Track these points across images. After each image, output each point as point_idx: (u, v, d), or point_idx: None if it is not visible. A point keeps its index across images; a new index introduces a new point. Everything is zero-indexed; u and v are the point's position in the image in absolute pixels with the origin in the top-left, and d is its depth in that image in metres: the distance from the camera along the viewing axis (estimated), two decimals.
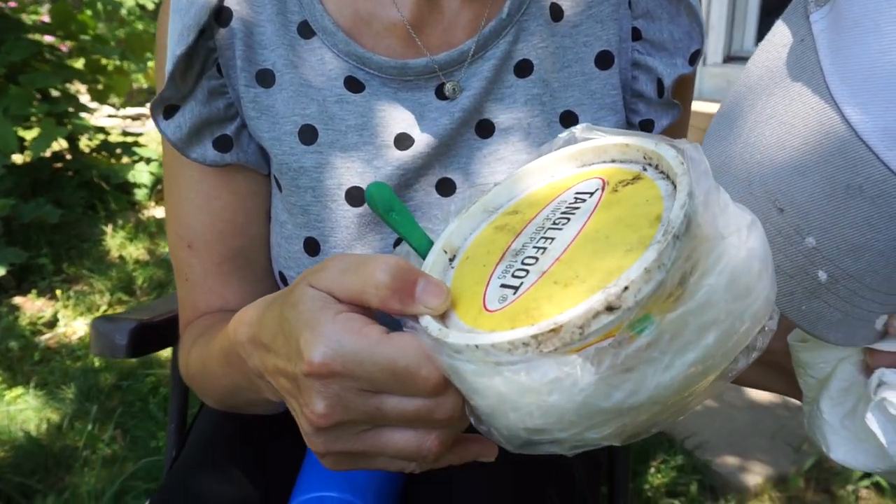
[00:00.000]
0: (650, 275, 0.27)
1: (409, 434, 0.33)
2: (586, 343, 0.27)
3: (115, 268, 2.56)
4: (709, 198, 0.29)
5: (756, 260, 0.29)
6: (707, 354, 0.28)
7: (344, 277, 0.33)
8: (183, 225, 0.59)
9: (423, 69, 0.54)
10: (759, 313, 0.29)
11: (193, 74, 0.53)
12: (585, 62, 0.57)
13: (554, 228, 0.34)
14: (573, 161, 0.38)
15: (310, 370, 0.31)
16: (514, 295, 0.31)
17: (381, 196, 0.37)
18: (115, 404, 1.71)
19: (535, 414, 0.28)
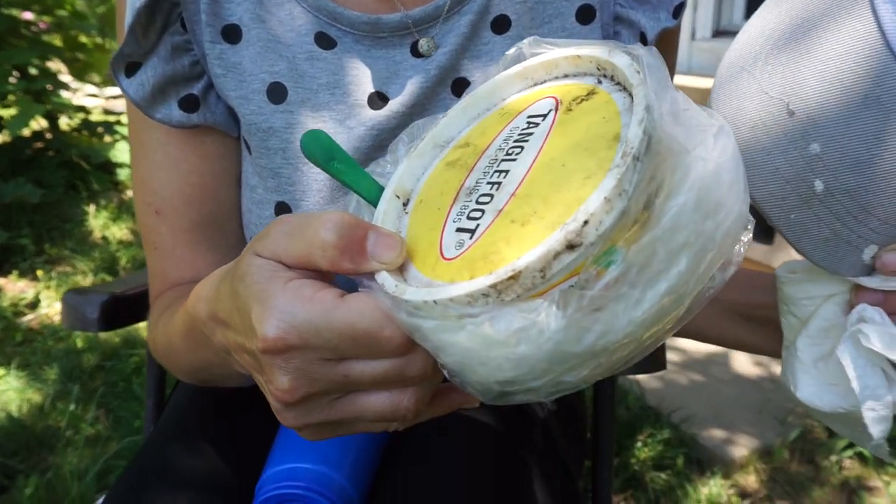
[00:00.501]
0: (611, 204, 0.25)
1: (383, 396, 0.32)
2: (550, 285, 0.26)
3: (97, 248, 2.53)
4: (670, 108, 0.27)
5: (726, 171, 0.27)
6: (680, 281, 0.26)
7: (289, 242, 0.31)
8: (150, 191, 0.57)
9: (396, 25, 0.52)
10: (732, 229, 0.27)
11: (156, 29, 0.51)
12: (566, 17, 0.55)
13: (507, 160, 0.31)
14: (523, 80, 0.36)
15: (265, 346, 0.29)
16: (470, 239, 0.29)
17: (319, 144, 0.34)
18: (98, 384, 1.69)
19: (505, 367, 0.26)
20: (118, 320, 0.73)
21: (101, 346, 1.84)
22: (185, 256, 0.58)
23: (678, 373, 1.68)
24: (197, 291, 0.39)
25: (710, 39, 3.10)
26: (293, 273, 0.31)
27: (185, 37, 0.52)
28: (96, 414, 1.58)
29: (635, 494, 1.31)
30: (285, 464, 0.49)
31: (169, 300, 0.55)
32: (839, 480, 1.34)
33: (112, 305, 0.73)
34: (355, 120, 0.53)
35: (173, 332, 0.48)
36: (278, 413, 0.33)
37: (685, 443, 1.42)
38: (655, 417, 1.49)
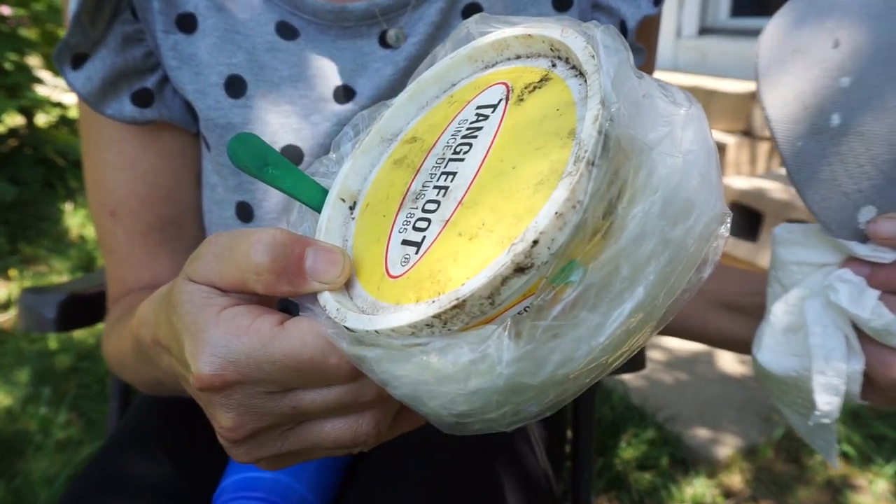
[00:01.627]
0: (564, 219, 0.22)
1: (340, 422, 0.29)
2: (501, 309, 0.23)
3: (74, 247, 2.47)
4: (629, 98, 0.24)
5: (695, 165, 0.24)
6: (647, 298, 0.23)
7: (220, 266, 0.27)
8: (104, 190, 0.54)
9: (363, 14, 0.49)
10: (705, 231, 0.24)
11: (104, 18, 0.48)
12: (542, 4, 0.52)
13: (455, 159, 0.28)
14: (472, 63, 0.32)
15: (201, 385, 0.27)
16: (416, 254, 0.26)
17: (249, 149, 0.30)
18: (70, 386, 1.64)
19: (458, 400, 0.23)
20: (78, 321, 0.70)
21: (76, 347, 1.79)
22: (142, 260, 0.55)
23: (663, 372, 1.66)
24: (140, 313, 0.36)
25: (696, 37, 3.10)
26: (228, 299, 0.28)
27: (137, 26, 0.49)
28: (68, 417, 1.53)
29: (619, 495, 1.29)
30: (244, 473, 0.47)
31: (123, 309, 0.51)
32: (824, 479, 1.33)
33: (71, 305, 0.69)
34: (320, 115, 0.50)
35: (124, 348, 0.44)
36: (227, 450, 0.30)
37: (669, 442, 1.41)
38: (640, 417, 1.48)
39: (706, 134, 0.25)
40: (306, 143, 0.50)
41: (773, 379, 0.40)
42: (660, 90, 0.25)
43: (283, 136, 0.50)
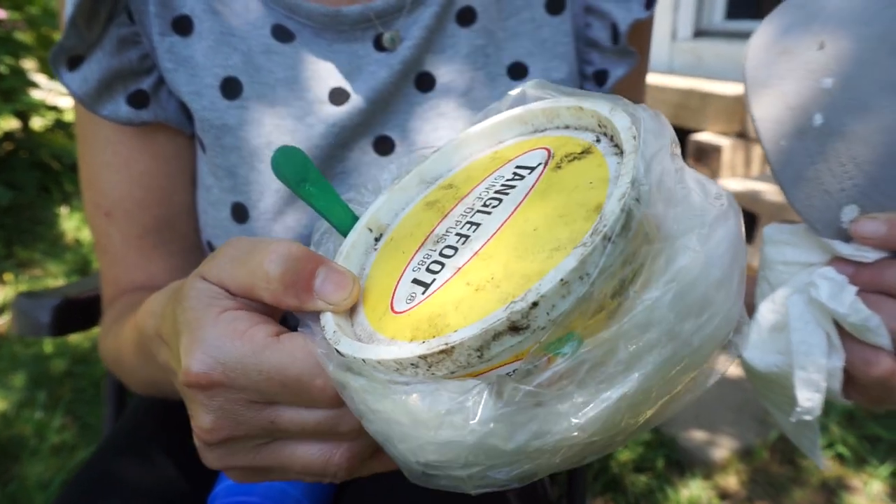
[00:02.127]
0: (568, 288, 0.21)
1: (313, 448, 0.29)
2: (490, 366, 0.22)
3: (70, 251, 2.47)
4: (663, 183, 0.23)
5: (718, 266, 0.23)
6: (640, 388, 0.22)
7: (234, 268, 0.28)
8: (99, 192, 0.54)
9: (358, 17, 0.50)
10: (716, 333, 0.23)
11: (100, 21, 0.48)
12: (535, 8, 0.53)
13: (482, 212, 0.28)
14: (522, 125, 0.33)
15: (187, 380, 0.27)
16: (423, 294, 0.26)
17: (291, 162, 0.31)
18: (66, 391, 1.64)
19: (428, 448, 0.23)
20: (72, 325, 0.70)
21: (71, 351, 1.79)
22: (137, 262, 0.55)
23: None
24: (148, 304, 0.36)
25: (691, 40, 3.11)
26: (234, 303, 0.28)
27: (133, 28, 0.49)
28: (63, 421, 1.53)
29: (615, 497, 1.30)
30: None
31: (120, 309, 0.52)
32: (819, 481, 1.34)
33: (66, 309, 0.69)
34: (315, 117, 0.50)
35: (123, 344, 0.45)
36: (199, 451, 0.30)
37: (665, 444, 1.41)
38: None
39: (736, 237, 0.24)
40: (301, 144, 0.50)
41: (758, 377, 0.40)
42: (697, 183, 0.25)
43: (279, 137, 0.50)
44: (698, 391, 0.24)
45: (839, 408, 1.47)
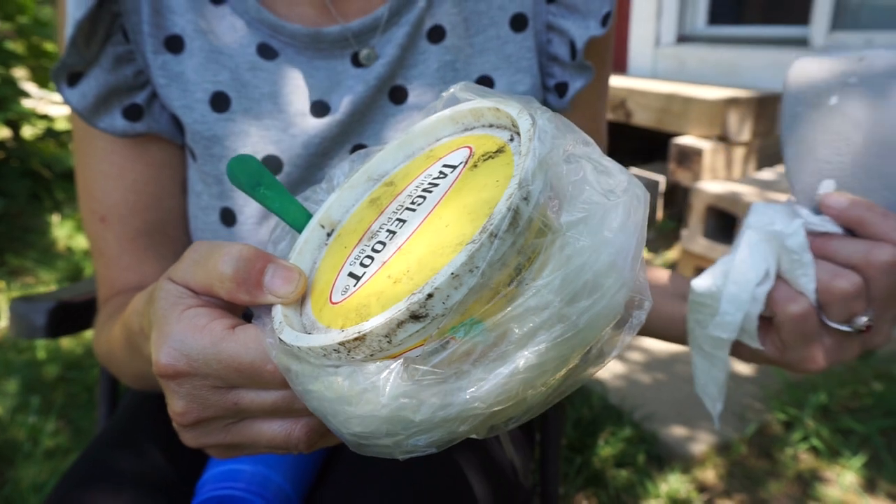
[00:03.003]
0: (459, 280, 0.24)
1: (275, 425, 0.32)
2: (401, 349, 0.25)
3: (61, 258, 2.49)
4: (558, 181, 0.26)
5: (605, 254, 0.25)
6: (530, 365, 0.25)
7: (195, 270, 0.31)
8: (95, 198, 0.57)
9: (336, 37, 0.53)
10: (604, 313, 0.26)
11: (98, 40, 0.51)
12: (500, 25, 0.56)
13: (409, 209, 0.31)
14: (454, 124, 0.35)
15: (157, 371, 0.30)
16: (354, 286, 0.29)
17: (245, 169, 0.34)
18: (59, 396, 1.66)
19: (353, 422, 0.26)
20: (66, 327, 0.73)
21: (63, 358, 1.81)
22: (130, 264, 0.58)
23: (641, 372, 1.71)
24: (133, 303, 0.40)
25: (674, 45, 3.17)
26: (196, 300, 0.31)
27: (128, 47, 0.53)
28: (57, 426, 1.55)
29: (597, 492, 1.33)
30: (225, 465, 0.50)
31: (114, 307, 0.55)
32: (794, 473, 1.38)
33: (60, 312, 0.72)
34: (298, 128, 0.54)
35: (114, 341, 0.48)
36: (178, 433, 0.34)
37: (646, 440, 1.45)
38: (618, 416, 1.52)
39: (630, 224, 0.26)
40: (285, 153, 0.54)
41: (695, 298, 0.42)
42: (597, 174, 0.27)
43: (264, 147, 0.54)
44: (604, 361, 0.27)
45: (814, 402, 1.52)
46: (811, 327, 0.39)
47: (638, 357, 1.77)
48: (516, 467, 0.66)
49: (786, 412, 1.51)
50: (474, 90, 0.34)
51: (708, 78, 2.95)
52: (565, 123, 0.29)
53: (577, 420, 1.50)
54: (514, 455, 0.67)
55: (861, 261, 0.37)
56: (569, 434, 1.46)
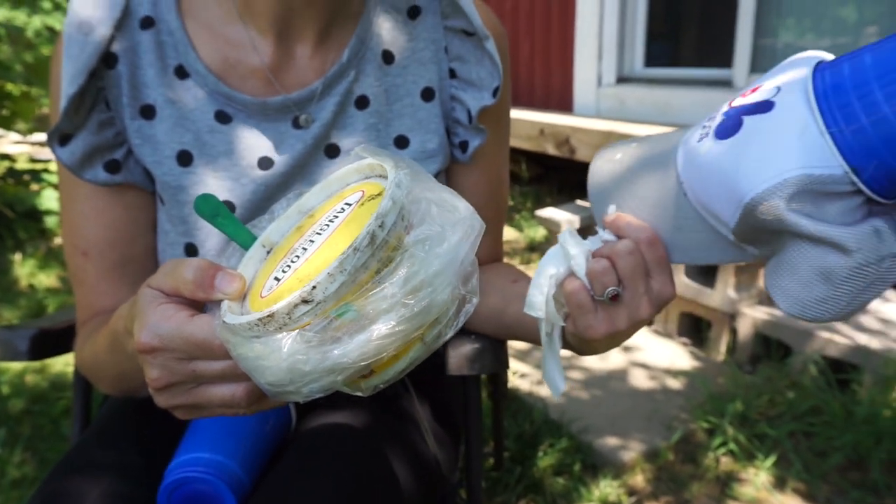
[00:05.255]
0: (333, 278, 0.36)
1: (224, 388, 0.44)
2: (300, 324, 0.38)
3: (23, 296, 2.53)
4: (408, 215, 0.39)
5: (435, 264, 0.38)
6: (381, 334, 0.36)
7: (166, 278, 0.44)
8: (78, 236, 0.68)
9: (279, 105, 0.66)
10: (433, 302, 0.38)
11: (85, 109, 0.63)
12: (414, 96, 0.71)
13: (318, 233, 0.44)
14: (358, 173, 0.49)
15: (138, 348, 0.43)
16: (276, 285, 0.42)
17: (207, 205, 0.48)
18: (24, 428, 1.71)
19: (267, 374, 0.38)
20: (46, 351, 0.83)
21: (29, 391, 1.86)
22: (107, 290, 0.69)
23: (580, 389, 1.84)
24: (118, 312, 0.52)
25: (615, 85, 3.40)
26: (166, 299, 0.44)
27: (110, 114, 0.65)
28: (23, 457, 1.60)
29: (535, 499, 1.45)
30: (189, 454, 0.61)
31: (95, 325, 0.66)
32: (714, 475, 1.52)
33: (41, 338, 0.82)
34: (248, 179, 0.66)
35: (99, 348, 0.59)
36: (154, 397, 0.46)
37: (581, 450, 1.58)
38: (557, 429, 1.65)
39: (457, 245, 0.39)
40: (237, 199, 0.66)
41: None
42: (441, 211, 0.40)
43: (221, 194, 0.66)
44: (442, 339, 0.40)
45: (732, 411, 1.67)
46: (584, 300, 0.51)
47: (577, 375, 1.90)
48: (440, 461, 0.78)
49: (708, 420, 1.66)
50: (370, 150, 0.48)
51: (646, 116, 3.17)
52: (424, 177, 0.42)
53: (519, 434, 1.62)
54: (437, 451, 0.79)
55: (609, 251, 0.51)
56: (510, 447, 1.58)
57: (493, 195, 0.78)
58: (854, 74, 0.39)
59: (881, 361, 1.68)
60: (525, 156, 3.79)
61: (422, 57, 0.70)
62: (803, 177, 0.39)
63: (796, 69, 0.43)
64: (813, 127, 0.39)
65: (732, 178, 0.41)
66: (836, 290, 0.41)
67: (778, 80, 0.43)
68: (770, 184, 0.39)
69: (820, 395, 1.69)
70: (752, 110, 0.42)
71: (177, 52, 0.65)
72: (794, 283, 0.43)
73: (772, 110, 0.41)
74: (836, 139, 0.38)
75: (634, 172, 0.52)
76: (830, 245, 0.40)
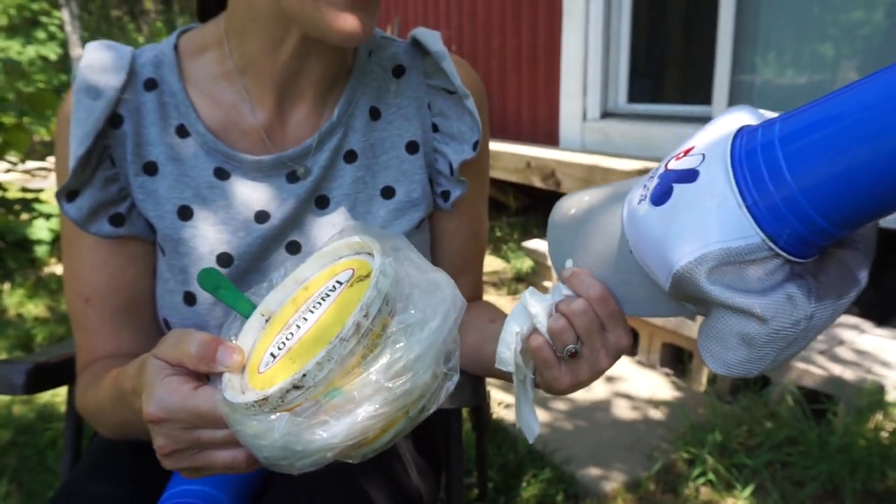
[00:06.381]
0: (321, 366, 0.40)
1: (226, 453, 0.48)
2: (291, 406, 0.41)
3: (12, 326, 2.53)
4: (394, 300, 0.42)
5: (415, 350, 0.40)
6: (363, 418, 0.39)
7: (171, 351, 0.48)
8: (81, 283, 0.71)
9: (274, 162, 0.71)
10: (414, 387, 0.40)
11: (91, 167, 0.67)
12: (399, 149, 0.75)
13: (311, 311, 0.47)
14: (350, 248, 0.52)
15: (146, 419, 0.47)
16: (272, 362, 0.45)
17: (209, 279, 0.53)
18: (10, 460, 1.71)
19: (263, 451, 0.41)
20: (42, 386, 0.86)
21: (15, 422, 1.86)
22: (108, 335, 0.72)
23: (564, 420, 1.87)
24: (126, 369, 0.55)
25: (599, 120, 3.50)
26: (171, 370, 0.48)
27: (115, 171, 0.69)
28: (8, 489, 1.60)
29: None
30: (180, 486, 0.64)
31: (96, 372, 0.68)
32: None
33: (36, 372, 0.85)
34: (244, 232, 0.70)
35: (103, 398, 0.62)
36: (161, 461, 0.50)
37: (564, 480, 1.60)
38: (540, 459, 1.67)
39: (438, 329, 0.42)
40: (235, 251, 0.70)
41: None
42: (425, 295, 0.43)
43: (219, 246, 0.70)
44: (426, 413, 0.43)
45: (712, 441, 1.70)
46: (548, 356, 0.55)
47: (561, 405, 1.94)
48: (422, 492, 0.81)
49: (689, 451, 1.70)
50: (361, 229, 0.52)
51: (628, 149, 3.26)
52: (409, 254, 0.46)
53: (503, 464, 1.65)
54: (420, 482, 0.82)
55: (566, 309, 0.54)
56: (494, 477, 1.61)
57: (472, 239, 0.83)
58: (764, 140, 0.41)
59: (855, 392, 1.73)
60: (512, 186, 3.86)
61: (406, 112, 0.75)
62: (722, 251, 0.41)
63: (724, 131, 0.45)
64: (731, 199, 0.41)
65: (663, 246, 0.44)
66: (758, 352, 0.43)
67: (706, 144, 0.45)
68: (691, 258, 0.41)
69: (796, 425, 1.73)
70: (681, 178, 0.44)
71: (178, 112, 0.69)
72: (718, 347, 0.45)
73: (696, 180, 0.43)
74: (751, 211, 0.40)
75: (586, 227, 0.55)
76: (747, 314, 0.42)
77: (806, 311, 0.42)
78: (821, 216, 0.39)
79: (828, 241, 0.41)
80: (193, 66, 0.71)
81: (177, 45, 0.72)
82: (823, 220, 0.39)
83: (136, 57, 0.70)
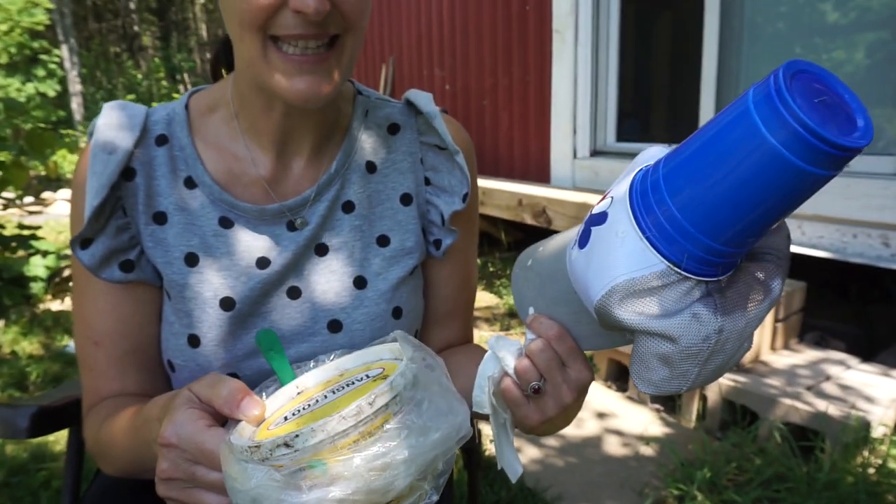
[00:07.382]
0: (314, 434, 0.43)
1: (211, 497, 0.52)
2: (278, 463, 0.43)
3: (6, 364, 2.53)
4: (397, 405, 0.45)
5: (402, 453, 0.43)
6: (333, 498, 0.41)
7: (205, 388, 0.53)
8: (90, 327, 0.75)
9: (276, 212, 0.75)
10: (389, 488, 0.42)
11: (105, 216, 0.71)
12: (393, 200, 0.80)
13: (333, 392, 0.52)
14: (391, 353, 0.58)
15: (159, 440, 0.51)
16: (282, 423, 0.50)
17: (267, 339, 0.58)
18: (4, 500, 1.71)
19: (237, 496, 0.44)
20: (46, 429, 0.88)
21: (8, 463, 1.86)
22: (115, 376, 0.75)
23: (556, 456, 1.89)
24: (157, 399, 0.60)
25: (589, 158, 3.58)
26: (198, 405, 0.52)
27: (126, 220, 0.73)
28: None
29: None
30: None
31: (107, 410, 0.72)
32: None
33: (41, 416, 0.88)
34: (247, 277, 0.74)
35: (118, 430, 0.66)
36: (157, 485, 0.53)
37: None
38: (532, 497, 1.68)
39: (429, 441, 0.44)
40: (237, 295, 0.74)
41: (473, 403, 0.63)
42: (432, 408, 0.46)
43: (222, 291, 0.74)
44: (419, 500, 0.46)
45: (702, 478, 1.72)
46: (516, 395, 0.59)
47: (552, 442, 1.95)
48: None
49: (679, 488, 1.72)
50: (404, 338, 0.56)
51: None
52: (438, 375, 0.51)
53: (496, 501, 1.66)
54: None
55: (528, 350, 0.58)
56: None
57: (463, 285, 0.87)
58: (653, 177, 0.44)
59: (841, 428, 1.76)
60: (504, 222, 3.92)
61: (401, 167, 0.80)
62: (628, 281, 0.44)
63: (630, 173, 0.49)
64: (631, 233, 0.44)
65: (586, 285, 0.47)
66: (677, 369, 0.46)
67: (615, 186, 0.49)
68: (603, 292, 0.45)
69: (784, 461, 1.75)
70: (596, 221, 0.48)
71: (187, 165, 0.74)
72: (643, 368, 0.48)
73: (606, 221, 0.46)
74: (650, 241, 0.43)
75: (542, 276, 0.59)
76: (660, 336, 0.45)
77: (714, 326, 0.44)
78: (705, 236, 0.42)
79: (728, 259, 0.44)
80: (203, 124, 0.76)
81: (187, 104, 0.77)
82: (709, 240, 0.42)
83: (149, 115, 0.75)
